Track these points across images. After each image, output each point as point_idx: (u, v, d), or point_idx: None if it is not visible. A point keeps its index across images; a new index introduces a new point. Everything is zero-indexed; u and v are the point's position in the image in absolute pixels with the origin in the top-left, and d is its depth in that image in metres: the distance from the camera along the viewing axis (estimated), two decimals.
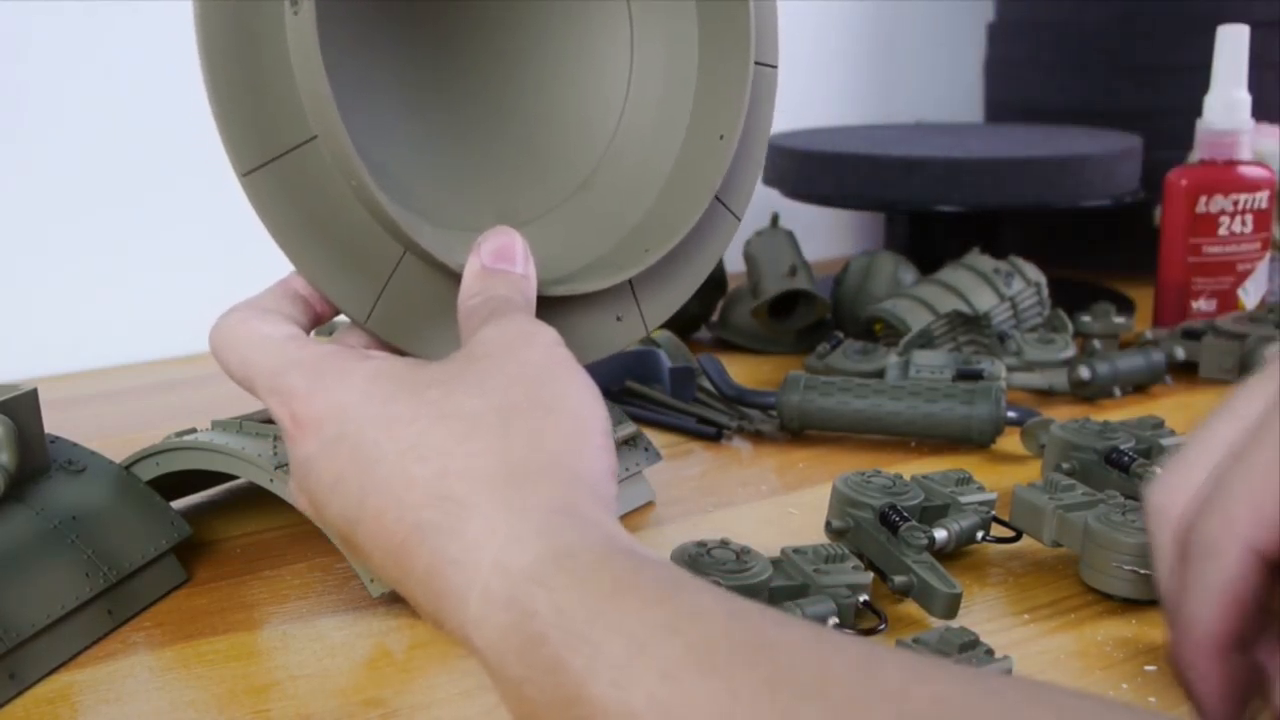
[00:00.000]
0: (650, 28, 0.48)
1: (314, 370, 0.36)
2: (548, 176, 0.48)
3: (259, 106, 0.38)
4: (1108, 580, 0.49)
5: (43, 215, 0.86)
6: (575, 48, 0.49)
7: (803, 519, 0.58)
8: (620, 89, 0.49)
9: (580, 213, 0.48)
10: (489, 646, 0.29)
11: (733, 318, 0.90)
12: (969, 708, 0.24)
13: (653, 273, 0.45)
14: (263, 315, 0.39)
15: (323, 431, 0.35)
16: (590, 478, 0.33)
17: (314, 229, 0.39)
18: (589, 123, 0.49)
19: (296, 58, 0.38)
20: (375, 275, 0.41)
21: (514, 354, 0.35)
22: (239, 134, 0.38)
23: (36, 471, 0.51)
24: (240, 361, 0.38)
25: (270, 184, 0.38)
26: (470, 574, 0.30)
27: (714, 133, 0.46)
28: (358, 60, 0.45)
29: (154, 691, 0.44)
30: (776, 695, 0.25)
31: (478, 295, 0.39)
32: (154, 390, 0.84)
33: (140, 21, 0.86)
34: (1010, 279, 0.83)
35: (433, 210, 0.46)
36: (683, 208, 0.45)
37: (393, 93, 0.46)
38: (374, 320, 0.41)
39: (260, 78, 0.38)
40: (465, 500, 0.31)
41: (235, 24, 0.38)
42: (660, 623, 0.27)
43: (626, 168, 0.48)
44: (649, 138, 0.48)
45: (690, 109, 0.47)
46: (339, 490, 0.34)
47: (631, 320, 0.46)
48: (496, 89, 0.48)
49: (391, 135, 0.46)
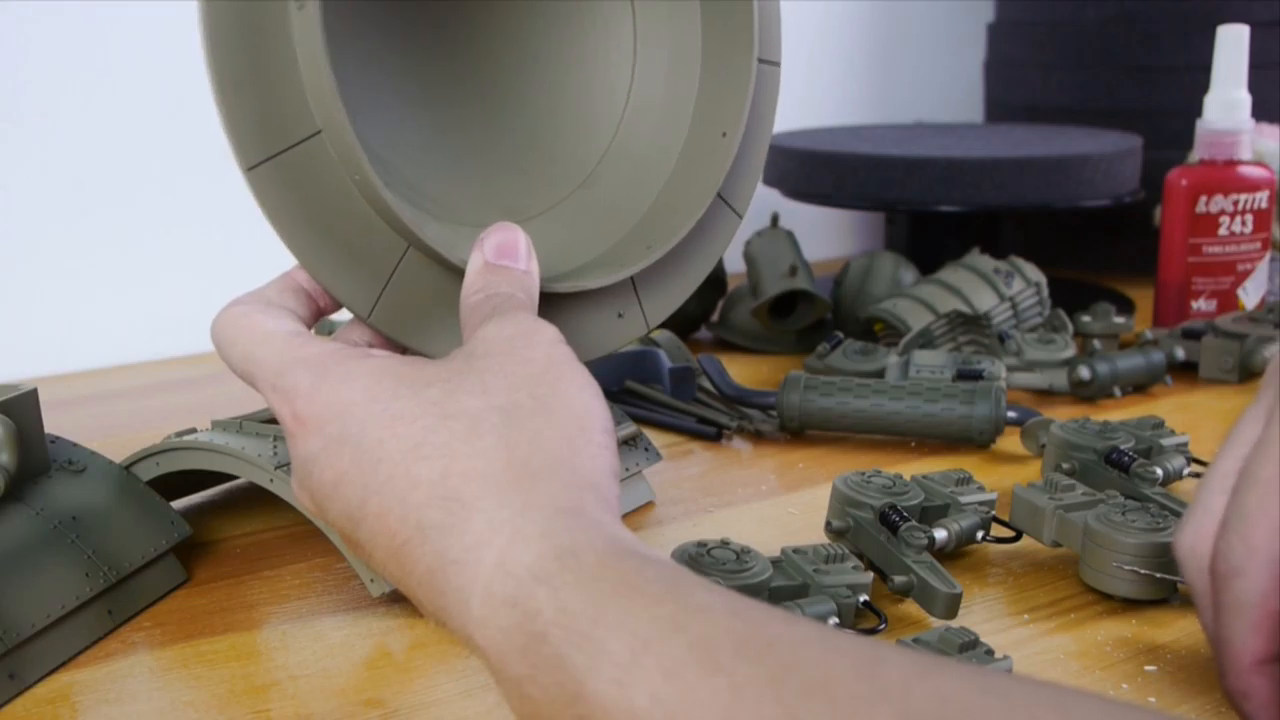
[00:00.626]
0: (653, 25, 0.48)
1: (317, 368, 0.36)
2: (551, 173, 0.48)
3: (263, 102, 0.38)
4: (1108, 580, 0.49)
5: (42, 215, 0.86)
6: (579, 46, 0.49)
7: (803, 519, 0.58)
8: (624, 86, 0.49)
9: (583, 209, 0.48)
10: (492, 645, 0.29)
11: (733, 318, 0.90)
12: (971, 705, 0.24)
13: (654, 270, 0.45)
14: (266, 309, 0.39)
15: (325, 430, 0.35)
16: (593, 477, 0.33)
17: (318, 224, 0.39)
18: (592, 119, 0.49)
19: (302, 53, 0.38)
20: (378, 271, 0.41)
21: (516, 353, 0.35)
22: (243, 129, 0.38)
23: (36, 471, 0.51)
24: (243, 356, 0.38)
25: (274, 179, 0.38)
26: (473, 573, 0.30)
27: (717, 130, 0.46)
28: (362, 55, 0.45)
29: (154, 691, 0.44)
30: (780, 692, 0.25)
31: (480, 291, 0.39)
32: (154, 390, 0.84)
33: (139, 22, 0.86)
34: (1010, 279, 0.83)
35: (436, 206, 0.46)
36: (685, 205, 0.45)
37: (397, 89, 0.46)
38: (376, 316, 0.41)
39: (264, 73, 0.38)
40: (469, 500, 0.31)
41: (239, 19, 0.38)
42: (664, 621, 0.27)
43: (629, 164, 0.48)
44: (652, 134, 0.48)
45: (693, 106, 0.47)
46: (341, 489, 0.34)
47: (633, 317, 0.46)
48: (501, 86, 0.48)
49: (395, 131, 0.46)
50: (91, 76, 0.86)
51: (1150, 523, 0.48)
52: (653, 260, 0.44)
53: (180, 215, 0.91)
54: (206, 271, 0.92)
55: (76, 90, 0.85)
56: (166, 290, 0.91)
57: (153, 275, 0.90)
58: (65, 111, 0.85)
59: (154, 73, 0.87)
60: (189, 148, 0.89)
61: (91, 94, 0.86)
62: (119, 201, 0.88)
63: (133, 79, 0.87)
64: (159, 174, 0.89)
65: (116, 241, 0.89)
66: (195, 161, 0.90)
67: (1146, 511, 0.49)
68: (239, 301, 0.40)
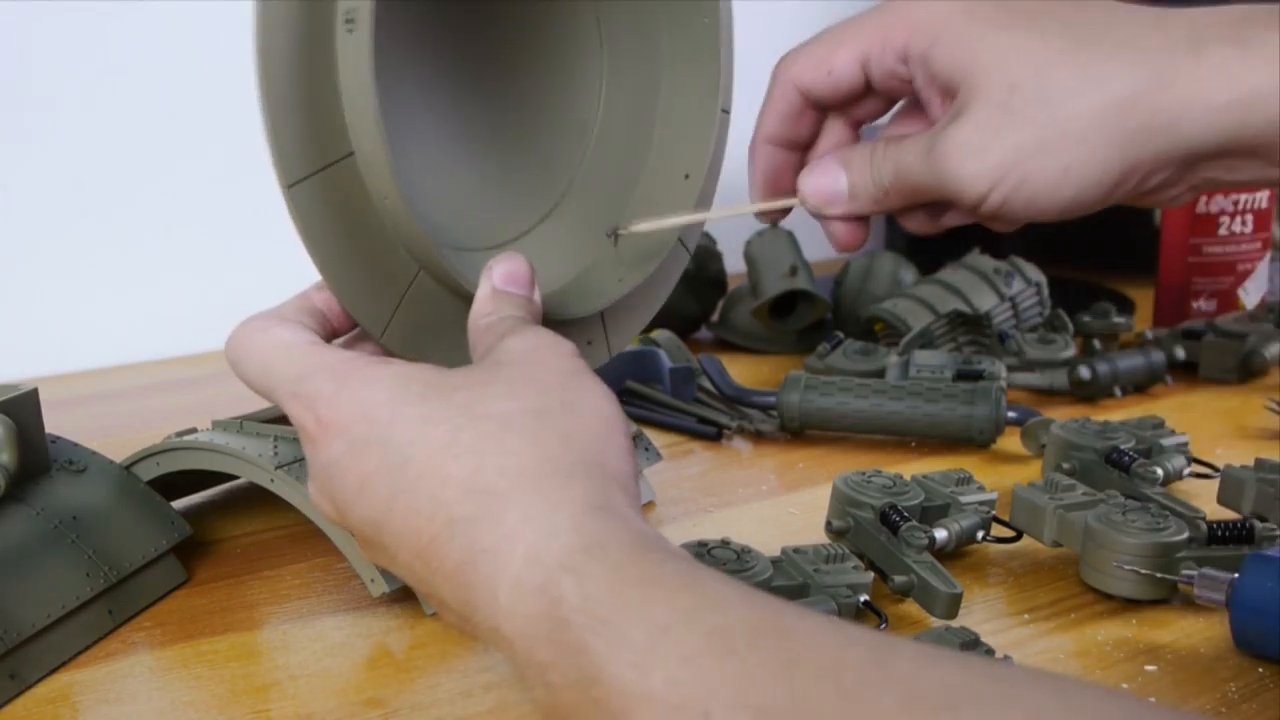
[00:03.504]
0: (620, 62, 0.49)
1: (339, 374, 0.36)
2: (521, 203, 0.49)
3: (307, 120, 0.38)
4: (1108, 580, 0.49)
5: (43, 216, 0.86)
6: (556, 90, 0.50)
7: (803, 519, 0.58)
8: (590, 125, 0.50)
9: (552, 238, 0.49)
10: (518, 634, 0.30)
11: (733, 318, 0.90)
12: (975, 692, 0.24)
13: (619, 302, 0.46)
14: (281, 323, 0.39)
15: (350, 433, 0.35)
16: (620, 478, 0.34)
17: (342, 243, 0.40)
18: (560, 153, 0.50)
19: (345, 76, 0.38)
20: (392, 291, 0.41)
21: (541, 361, 0.36)
22: (288, 146, 0.38)
23: (37, 471, 0.51)
24: (260, 369, 0.38)
25: (312, 196, 0.39)
26: (503, 562, 0.31)
27: (680, 172, 0.47)
28: (387, 80, 0.45)
29: (154, 691, 0.44)
30: (790, 678, 0.25)
31: (492, 314, 0.39)
32: (154, 390, 0.84)
33: (140, 24, 0.86)
34: (1010, 279, 0.84)
35: (431, 230, 0.46)
36: (651, 239, 0.46)
37: (415, 116, 0.47)
38: (388, 335, 0.42)
39: (311, 93, 0.38)
40: (503, 493, 0.32)
41: (293, 37, 0.38)
42: (682, 610, 0.28)
43: (593, 197, 0.49)
44: (617, 169, 0.49)
45: (654, 147, 0.48)
46: (366, 492, 0.35)
47: (599, 345, 0.48)
48: (484, 120, 0.49)
49: (406, 156, 0.47)
50: (92, 76, 0.86)
51: (1150, 523, 0.48)
52: (623, 294, 0.46)
53: (180, 216, 0.91)
54: (206, 272, 0.92)
55: (76, 91, 0.85)
56: (166, 290, 0.91)
57: (153, 275, 0.90)
58: (65, 112, 0.85)
59: (156, 74, 0.87)
60: (189, 148, 0.89)
61: (93, 95, 0.86)
62: (119, 202, 0.88)
63: (134, 81, 0.87)
64: (159, 174, 0.89)
65: (116, 241, 0.89)
66: (195, 162, 0.90)
67: (1147, 511, 0.49)
68: (254, 318, 0.40)
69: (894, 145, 0.41)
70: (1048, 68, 0.37)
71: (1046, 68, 0.37)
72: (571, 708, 0.29)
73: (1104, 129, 0.36)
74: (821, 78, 0.42)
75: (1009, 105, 0.37)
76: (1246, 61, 0.35)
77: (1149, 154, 0.37)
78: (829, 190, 0.42)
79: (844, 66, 0.41)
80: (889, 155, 0.41)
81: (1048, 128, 0.37)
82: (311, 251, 0.39)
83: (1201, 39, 0.36)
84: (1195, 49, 0.36)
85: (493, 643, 0.32)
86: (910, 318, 0.79)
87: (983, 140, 0.37)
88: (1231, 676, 0.44)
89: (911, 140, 0.40)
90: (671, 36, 0.47)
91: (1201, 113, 0.36)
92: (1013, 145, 0.37)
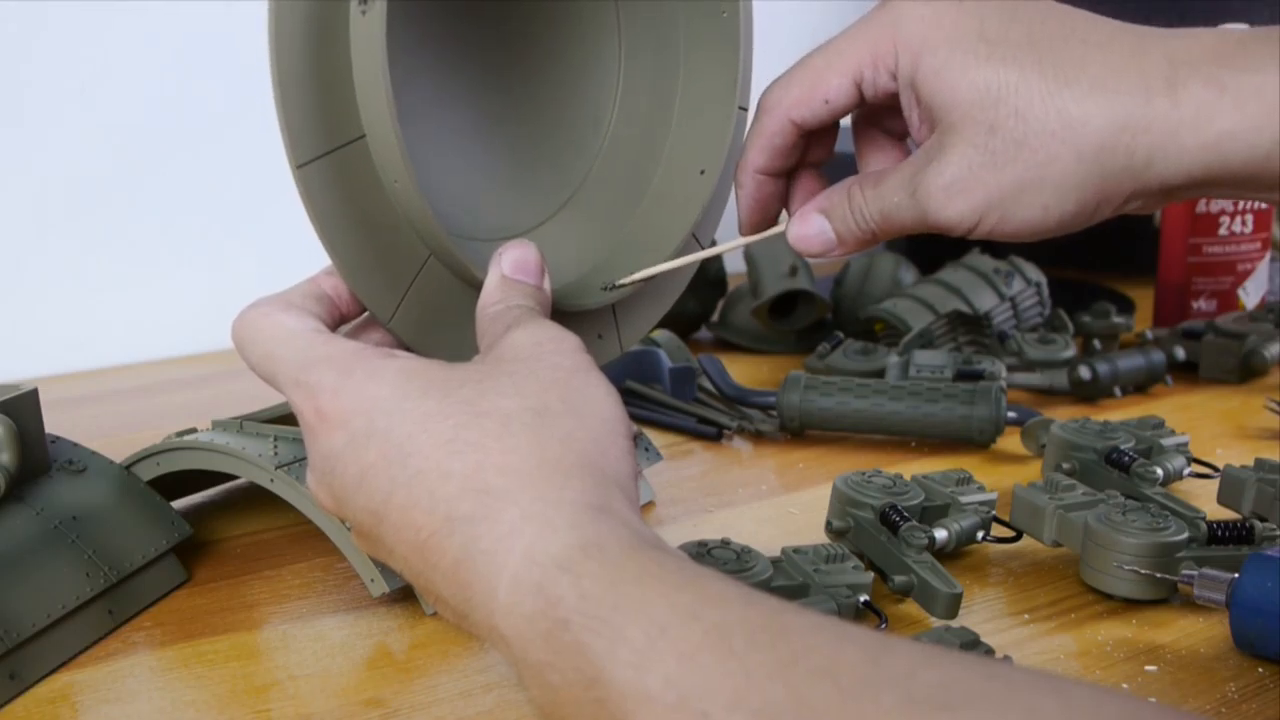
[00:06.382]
0: (637, 65, 0.49)
1: (343, 366, 0.36)
2: (537, 193, 0.49)
3: (318, 101, 0.38)
4: (1108, 580, 0.49)
5: (43, 216, 0.86)
6: (572, 82, 0.50)
7: (803, 519, 0.58)
8: (606, 118, 0.50)
9: (566, 231, 0.49)
10: (515, 632, 0.30)
11: (733, 318, 0.90)
12: (973, 690, 0.24)
13: (632, 297, 0.46)
14: (287, 309, 0.39)
15: (350, 425, 0.35)
16: (619, 479, 0.34)
17: (352, 225, 0.40)
18: (577, 145, 0.50)
19: (358, 57, 0.38)
20: (401, 277, 0.41)
21: (545, 358, 0.36)
22: (299, 125, 0.38)
23: (37, 471, 0.51)
24: (264, 355, 0.39)
25: (322, 177, 0.39)
26: (501, 561, 0.31)
27: (695, 167, 0.47)
28: (400, 66, 0.45)
29: (154, 691, 0.44)
30: (789, 676, 0.25)
31: (500, 302, 0.39)
32: (154, 390, 0.84)
33: (141, 23, 0.86)
34: (1010, 279, 0.84)
35: (442, 218, 0.46)
36: (665, 235, 0.46)
37: (427, 103, 0.47)
38: (397, 321, 0.41)
39: (323, 73, 0.38)
40: (502, 492, 0.32)
41: (307, 17, 0.38)
42: (680, 609, 0.28)
43: (609, 190, 0.49)
44: (632, 163, 0.49)
45: (669, 143, 0.48)
46: (366, 484, 0.35)
47: (610, 339, 0.48)
48: (497, 110, 0.49)
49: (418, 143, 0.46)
50: (93, 77, 0.86)
51: (1150, 523, 0.48)
52: (633, 291, 0.46)
53: (181, 216, 0.91)
54: (207, 272, 0.92)
55: (78, 91, 0.85)
56: (166, 291, 0.91)
57: (153, 275, 0.90)
58: (65, 113, 0.85)
59: (157, 74, 0.87)
60: (190, 148, 0.89)
61: (93, 95, 0.86)
62: (120, 202, 0.88)
63: (135, 80, 0.87)
64: (160, 174, 0.89)
65: (117, 242, 0.89)
66: (196, 162, 0.90)
67: (1147, 511, 0.49)
68: (260, 302, 0.40)
69: (873, 187, 0.41)
70: (1028, 111, 0.37)
71: (1026, 111, 0.37)
72: (570, 707, 0.29)
73: (1082, 173, 0.37)
74: (818, 108, 0.42)
75: (989, 148, 0.38)
76: (1223, 104, 0.36)
77: (1127, 189, 0.38)
78: (818, 241, 0.43)
79: (839, 93, 0.41)
80: (871, 198, 0.41)
81: (1028, 170, 0.38)
82: (321, 234, 0.39)
83: (1179, 79, 0.36)
84: (1172, 90, 0.36)
85: (490, 641, 0.32)
86: (910, 318, 0.79)
87: (965, 182, 0.38)
88: (1231, 676, 0.44)
89: (892, 179, 0.41)
90: (690, 28, 0.47)
91: (1178, 154, 0.37)
92: (994, 186, 0.38)
